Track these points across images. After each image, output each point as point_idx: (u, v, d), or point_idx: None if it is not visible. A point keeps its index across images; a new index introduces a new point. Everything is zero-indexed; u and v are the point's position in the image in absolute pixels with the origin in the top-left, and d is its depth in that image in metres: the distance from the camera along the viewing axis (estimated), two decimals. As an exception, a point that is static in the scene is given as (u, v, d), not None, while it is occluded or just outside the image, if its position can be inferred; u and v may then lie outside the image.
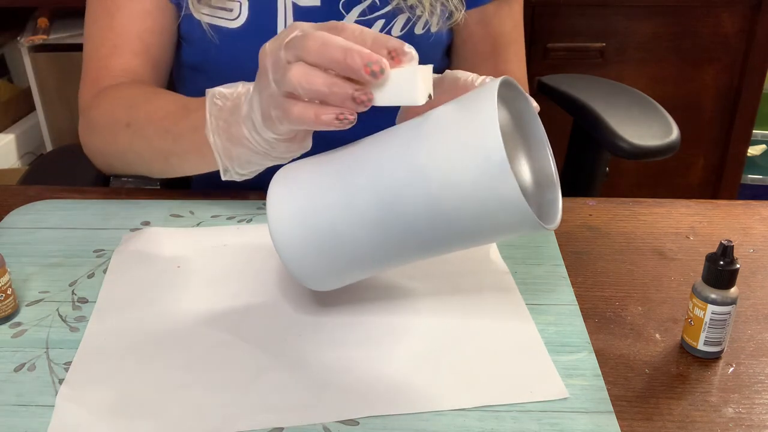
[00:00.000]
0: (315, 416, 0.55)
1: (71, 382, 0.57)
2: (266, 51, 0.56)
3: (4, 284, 0.63)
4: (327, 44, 0.52)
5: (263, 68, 0.56)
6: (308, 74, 0.53)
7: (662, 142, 1.02)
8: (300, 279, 0.60)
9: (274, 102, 0.56)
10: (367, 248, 0.56)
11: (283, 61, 0.54)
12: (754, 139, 1.97)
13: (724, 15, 1.72)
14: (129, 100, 0.79)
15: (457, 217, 0.52)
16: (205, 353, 0.60)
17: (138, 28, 0.82)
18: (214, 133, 0.64)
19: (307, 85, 0.53)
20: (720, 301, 0.58)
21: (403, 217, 0.54)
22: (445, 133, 0.52)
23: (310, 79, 0.53)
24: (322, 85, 0.53)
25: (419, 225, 0.54)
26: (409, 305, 0.66)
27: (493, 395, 0.56)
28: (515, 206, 0.50)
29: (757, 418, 0.55)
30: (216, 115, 0.64)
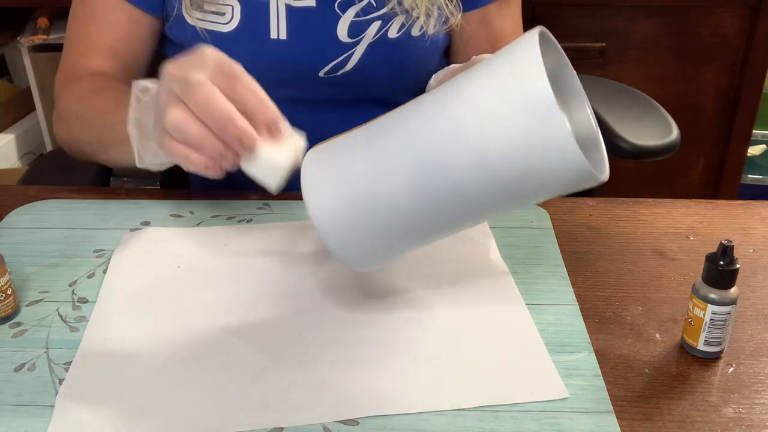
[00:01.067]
0: (315, 416, 0.55)
1: (71, 382, 0.57)
2: (167, 74, 0.58)
3: (4, 284, 0.63)
4: (210, 103, 0.55)
5: (160, 88, 0.59)
6: (185, 121, 0.56)
7: (662, 142, 1.02)
8: (345, 260, 0.58)
9: (157, 127, 0.59)
10: (413, 216, 0.53)
11: (173, 94, 0.57)
12: (754, 139, 1.97)
13: (724, 15, 1.72)
14: (84, 92, 0.82)
15: (504, 169, 0.49)
16: (205, 353, 0.60)
17: (111, 38, 0.85)
18: (132, 124, 0.67)
19: (180, 132, 0.56)
20: (720, 301, 0.58)
21: (448, 177, 0.50)
22: (484, 82, 0.50)
23: (185, 127, 0.56)
24: (195, 137, 0.56)
25: (464, 184, 0.50)
26: (409, 305, 0.66)
27: (493, 395, 0.56)
28: (565, 148, 0.47)
29: (757, 418, 0.55)
30: (135, 108, 0.67)
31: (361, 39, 0.84)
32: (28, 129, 1.88)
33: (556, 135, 0.47)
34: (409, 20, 0.85)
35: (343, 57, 0.84)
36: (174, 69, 0.58)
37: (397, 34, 0.85)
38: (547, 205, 0.80)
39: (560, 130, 0.47)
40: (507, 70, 0.49)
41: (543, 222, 0.78)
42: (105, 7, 0.84)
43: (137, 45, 0.87)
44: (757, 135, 2.00)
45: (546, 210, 0.80)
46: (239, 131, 0.55)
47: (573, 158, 0.48)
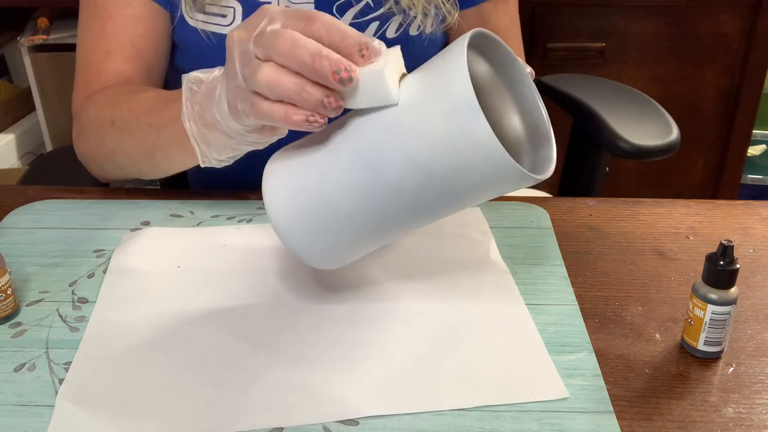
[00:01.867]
0: (315, 416, 0.55)
1: (71, 382, 0.57)
2: (234, 39, 0.55)
3: (4, 284, 0.63)
4: (296, 46, 0.51)
5: (230, 57, 0.55)
6: (278, 76, 0.52)
7: (662, 142, 1.02)
8: (300, 256, 0.59)
9: (241, 95, 0.55)
10: (357, 215, 0.55)
11: (252, 55, 0.53)
12: (754, 139, 1.97)
13: (724, 15, 1.73)
14: (114, 97, 0.78)
15: (436, 169, 0.51)
16: (205, 353, 0.60)
17: (130, 34, 0.82)
18: (190, 119, 0.63)
19: (276, 88, 0.52)
20: (720, 301, 0.58)
21: (385, 177, 0.52)
22: (416, 84, 0.52)
23: (279, 82, 0.52)
24: (292, 89, 0.52)
25: (402, 184, 0.52)
26: (409, 305, 0.65)
27: (493, 395, 0.56)
28: (488, 148, 0.48)
29: (757, 418, 0.55)
30: (191, 100, 0.63)
31: None
32: (28, 129, 1.89)
33: (480, 136, 0.49)
34: (407, 20, 0.85)
35: None
36: (241, 32, 0.54)
37: (395, 34, 0.85)
38: (547, 205, 0.80)
39: (484, 132, 0.48)
40: (436, 72, 0.51)
41: (543, 222, 0.78)
42: (121, 4, 0.81)
43: (157, 42, 0.84)
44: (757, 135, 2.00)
45: (546, 210, 0.80)
46: (335, 64, 0.50)
47: (499, 158, 0.49)
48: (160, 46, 0.85)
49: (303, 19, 0.53)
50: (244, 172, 0.92)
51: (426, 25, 0.86)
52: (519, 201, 0.82)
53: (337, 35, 0.52)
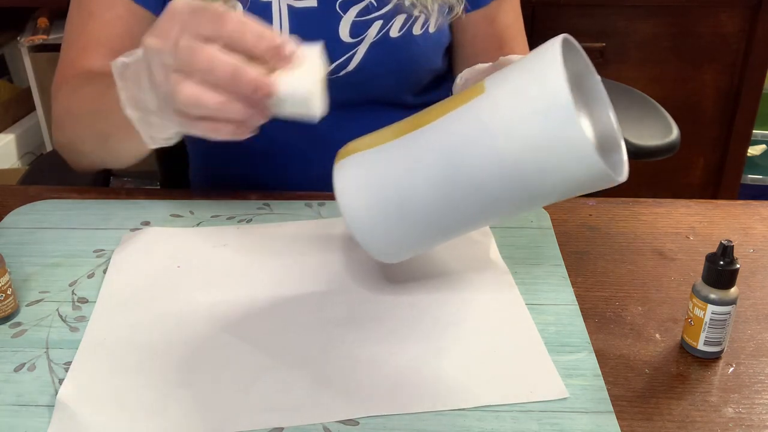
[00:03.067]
0: (315, 416, 0.55)
1: (71, 382, 0.57)
2: (149, 48, 0.55)
3: (4, 284, 0.63)
4: (214, 65, 0.51)
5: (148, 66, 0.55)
6: (199, 96, 0.52)
7: (662, 142, 1.02)
8: (368, 248, 0.59)
9: (166, 108, 0.56)
10: (434, 211, 0.55)
11: (169, 69, 0.53)
12: (754, 139, 1.97)
13: (724, 15, 1.73)
14: (72, 86, 0.79)
15: (523, 170, 0.51)
16: (205, 353, 0.60)
17: (108, 34, 0.82)
18: (129, 106, 0.62)
19: (199, 107, 0.53)
20: (720, 301, 0.58)
21: (470, 175, 0.53)
22: (507, 86, 0.52)
23: (201, 101, 0.52)
24: (215, 107, 0.52)
25: (485, 182, 0.53)
26: (409, 305, 0.66)
27: (493, 395, 0.56)
28: (583, 152, 0.49)
29: (757, 418, 0.55)
30: (122, 87, 0.62)
31: (363, 39, 0.84)
32: (28, 129, 1.89)
33: (575, 139, 0.49)
34: (411, 19, 0.85)
35: (345, 57, 0.84)
36: (154, 41, 0.54)
37: (398, 33, 0.85)
38: (548, 205, 0.80)
39: (579, 135, 0.49)
40: (530, 76, 0.51)
41: (543, 222, 0.78)
42: (104, 4, 0.82)
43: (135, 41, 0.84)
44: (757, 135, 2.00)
45: (546, 210, 0.80)
46: (253, 83, 0.51)
47: (591, 162, 0.50)
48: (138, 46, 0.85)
49: (214, 23, 0.52)
50: (245, 172, 0.92)
51: (430, 24, 0.86)
52: (519, 201, 0.82)
53: (251, 38, 0.52)
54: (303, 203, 0.81)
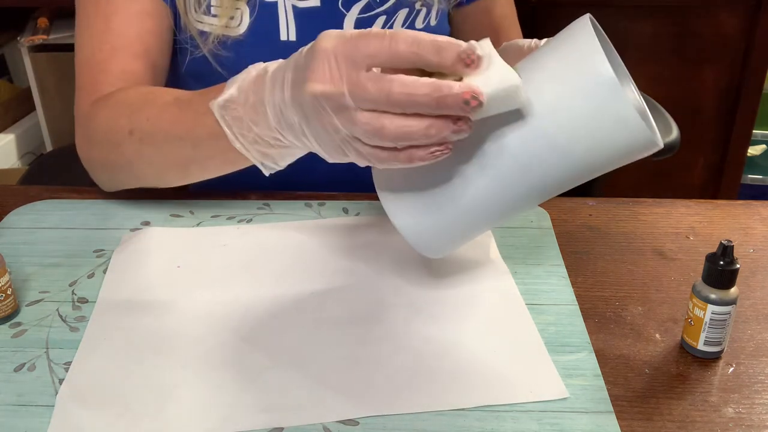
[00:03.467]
0: (315, 416, 0.55)
1: (71, 382, 0.57)
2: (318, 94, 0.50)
3: (4, 284, 0.63)
4: (412, 93, 0.48)
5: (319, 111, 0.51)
6: (401, 128, 0.49)
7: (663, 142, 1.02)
8: (419, 247, 0.59)
9: (352, 149, 0.52)
10: (491, 206, 0.56)
11: (352, 110, 0.50)
12: (754, 139, 1.97)
13: (724, 15, 1.73)
14: (127, 104, 0.73)
15: (574, 150, 0.53)
16: (205, 353, 0.60)
17: (137, 29, 0.78)
18: (241, 142, 0.61)
19: (404, 139, 0.49)
20: (720, 301, 0.58)
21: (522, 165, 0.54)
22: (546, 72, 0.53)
23: (406, 133, 0.49)
24: (419, 134, 0.49)
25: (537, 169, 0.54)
26: (409, 305, 0.65)
27: (493, 395, 0.56)
28: (631, 124, 0.51)
29: (757, 418, 0.55)
30: (233, 125, 0.61)
31: None
32: (28, 129, 1.89)
33: (623, 112, 0.51)
34: (413, 13, 0.86)
35: None
36: (320, 86, 0.50)
37: (401, 27, 0.85)
38: (547, 205, 0.80)
39: (626, 108, 0.51)
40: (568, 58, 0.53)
41: (543, 222, 0.78)
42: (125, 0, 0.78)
43: (163, 39, 0.81)
44: (757, 135, 2.00)
45: (546, 210, 0.80)
46: (461, 97, 0.47)
47: (640, 133, 0.52)
48: (166, 43, 0.82)
49: (386, 47, 0.49)
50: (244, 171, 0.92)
51: (432, 16, 0.87)
52: (519, 201, 0.82)
53: (430, 52, 0.48)
54: (303, 203, 0.81)
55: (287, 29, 0.83)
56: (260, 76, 0.59)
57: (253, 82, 0.59)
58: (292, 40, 0.83)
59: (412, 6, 0.85)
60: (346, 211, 0.80)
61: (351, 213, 0.79)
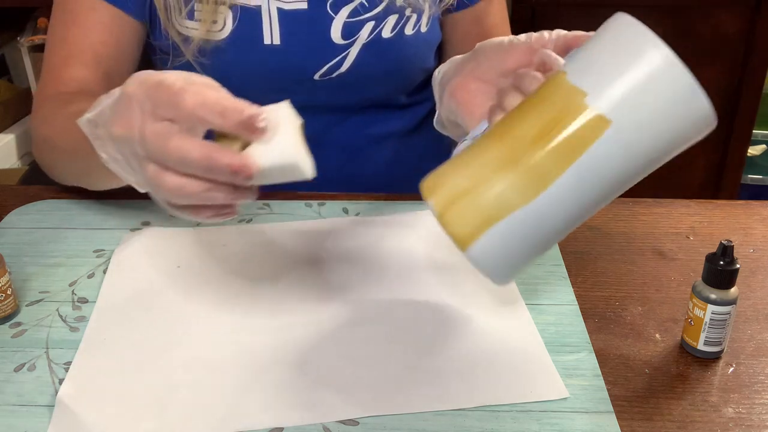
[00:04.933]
0: (315, 416, 0.55)
1: (71, 382, 0.57)
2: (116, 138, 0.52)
3: (4, 284, 0.63)
4: (185, 156, 0.48)
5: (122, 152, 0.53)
6: (181, 187, 0.50)
7: (662, 142, 1.02)
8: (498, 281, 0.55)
9: (155, 195, 0.53)
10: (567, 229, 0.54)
11: (142, 159, 0.51)
12: (754, 139, 1.97)
13: (724, 15, 1.72)
14: (50, 110, 0.75)
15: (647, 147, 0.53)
16: (205, 353, 0.60)
17: (91, 40, 0.79)
18: (107, 158, 0.57)
19: (180, 198, 0.50)
20: (720, 301, 0.58)
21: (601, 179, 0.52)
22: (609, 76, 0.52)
23: (183, 191, 0.50)
24: (200, 197, 0.50)
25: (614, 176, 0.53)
26: (409, 306, 0.65)
27: (493, 395, 0.56)
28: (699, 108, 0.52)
29: (757, 418, 0.55)
30: (101, 146, 0.57)
31: (355, 40, 0.84)
32: (28, 129, 1.88)
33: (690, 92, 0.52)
34: (403, 19, 0.85)
35: (337, 59, 0.84)
36: (118, 130, 0.51)
37: (390, 33, 0.85)
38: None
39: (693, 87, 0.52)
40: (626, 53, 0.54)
41: (543, 222, 0.78)
42: (86, 10, 0.79)
43: (121, 50, 0.81)
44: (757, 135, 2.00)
45: (546, 210, 0.80)
46: (230, 167, 0.48)
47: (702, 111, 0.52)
48: (124, 53, 0.82)
49: (172, 105, 0.49)
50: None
51: (422, 23, 0.86)
52: (519, 201, 0.82)
53: (214, 114, 0.49)
54: (303, 203, 0.81)
55: (271, 33, 0.82)
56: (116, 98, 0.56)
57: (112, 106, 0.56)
58: (276, 44, 0.82)
59: (402, 12, 0.84)
60: (346, 211, 0.80)
61: (351, 213, 0.79)
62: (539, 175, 0.51)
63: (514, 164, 0.52)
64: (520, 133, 0.52)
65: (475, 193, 0.52)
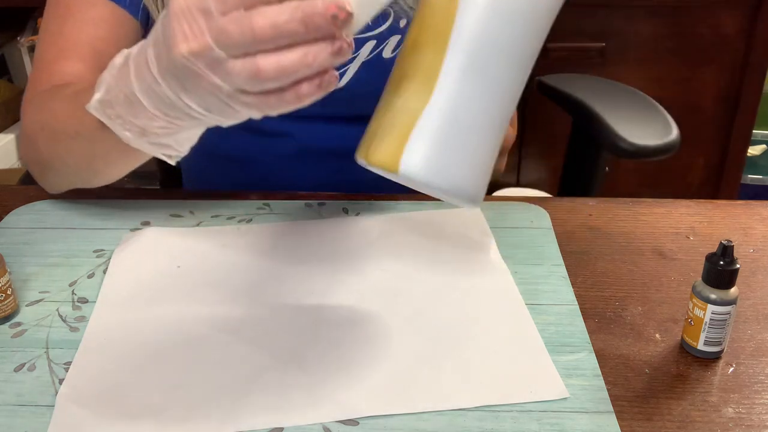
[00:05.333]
0: (315, 416, 0.55)
1: (71, 382, 0.57)
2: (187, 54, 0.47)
3: (4, 284, 0.63)
4: (276, 25, 0.45)
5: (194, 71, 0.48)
6: (278, 63, 0.46)
7: (662, 142, 1.02)
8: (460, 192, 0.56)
9: (236, 103, 0.49)
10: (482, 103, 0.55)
11: (225, 61, 0.47)
12: (754, 139, 1.97)
13: (724, 15, 1.73)
14: (44, 98, 0.71)
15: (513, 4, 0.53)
16: (205, 353, 0.60)
17: (89, 35, 0.76)
18: (128, 137, 0.57)
19: (284, 75, 0.46)
20: (720, 301, 0.58)
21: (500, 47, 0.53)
22: None
23: (284, 67, 0.46)
24: (299, 65, 0.46)
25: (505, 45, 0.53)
26: (409, 305, 0.66)
27: (493, 395, 0.56)
28: None
29: (757, 418, 0.55)
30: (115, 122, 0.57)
31: (355, 57, 0.83)
32: (28, 129, 1.88)
33: None
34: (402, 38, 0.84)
35: None
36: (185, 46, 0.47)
37: (391, 54, 0.84)
38: (547, 205, 0.80)
39: None
40: None
41: (543, 222, 0.78)
42: (85, 5, 0.76)
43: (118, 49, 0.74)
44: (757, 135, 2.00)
45: (546, 210, 0.80)
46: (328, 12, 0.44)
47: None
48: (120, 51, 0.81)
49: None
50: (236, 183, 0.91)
51: None
52: (519, 201, 0.82)
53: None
54: (303, 203, 0.81)
55: None
56: (124, 66, 0.55)
57: (118, 76, 0.56)
58: None
59: (405, 33, 0.84)
60: (346, 211, 0.80)
61: (351, 213, 0.79)
62: (425, 73, 0.53)
63: (403, 81, 0.55)
64: (400, 58, 0.56)
65: (383, 125, 0.55)
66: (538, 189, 1.79)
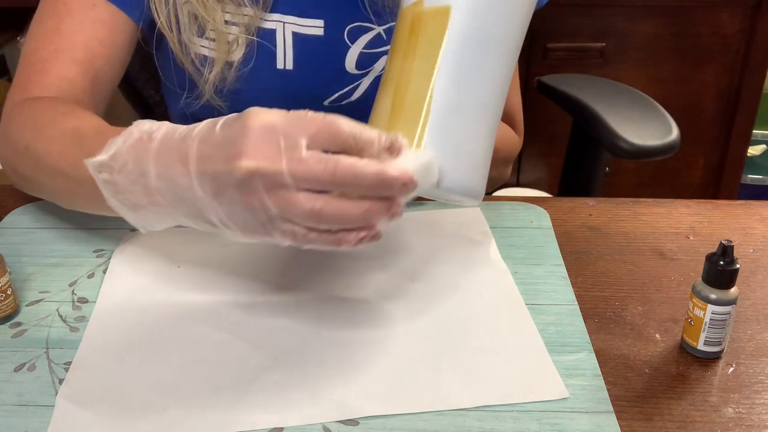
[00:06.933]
0: (315, 416, 0.55)
1: (71, 382, 0.57)
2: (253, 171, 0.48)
3: (4, 284, 0.63)
4: (358, 174, 0.48)
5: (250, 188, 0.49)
6: (341, 209, 0.49)
7: (662, 142, 1.02)
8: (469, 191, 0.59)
9: (274, 227, 0.51)
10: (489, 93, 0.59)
11: (289, 188, 0.48)
12: (754, 139, 1.97)
13: (724, 15, 1.73)
14: (37, 118, 0.69)
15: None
16: (205, 353, 0.60)
17: (86, 36, 0.74)
18: (115, 204, 0.57)
19: (341, 222, 0.49)
20: (720, 301, 0.58)
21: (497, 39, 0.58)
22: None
23: (345, 216, 0.49)
24: (358, 218, 0.49)
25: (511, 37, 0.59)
26: (409, 305, 0.66)
27: (493, 395, 0.56)
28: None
29: (757, 418, 0.55)
30: (108, 188, 0.56)
31: (369, 71, 0.83)
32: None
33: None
34: None
35: (349, 88, 0.83)
36: (254, 162, 0.48)
37: None
38: (547, 205, 0.80)
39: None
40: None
41: (543, 222, 0.78)
42: (85, 5, 0.75)
43: (115, 52, 0.77)
44: (757, 135, 2.00)
45: (546, 210, 0.80)
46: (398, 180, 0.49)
47: None
48: (117, 56, 0.78)
49: (328, 131, 0.49)
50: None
51: None
52: (519, 201, 0.82)
53: (364, 142, 0.50)
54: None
55: (284, 58, 0.80)
56: (142, 143, 0.54)
57: (133, 148, 0.54)
58: (288, 69, 0.80)
59: None
60: (346, 211, 0.79)
61: (351, 213, 0.79)
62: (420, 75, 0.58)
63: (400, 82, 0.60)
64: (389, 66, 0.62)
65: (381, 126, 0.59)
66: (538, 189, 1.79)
